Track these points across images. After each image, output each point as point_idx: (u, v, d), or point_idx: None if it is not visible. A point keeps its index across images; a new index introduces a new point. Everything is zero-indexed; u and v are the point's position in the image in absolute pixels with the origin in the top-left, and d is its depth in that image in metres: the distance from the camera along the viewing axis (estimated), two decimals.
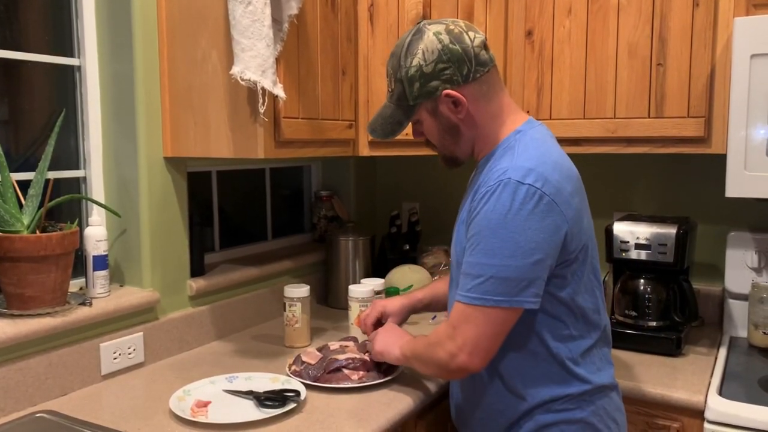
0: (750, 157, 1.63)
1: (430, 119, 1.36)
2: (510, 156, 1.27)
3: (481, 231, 1.22)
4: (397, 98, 1.36)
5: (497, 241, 1.20)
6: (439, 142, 1.39)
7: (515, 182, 1.20)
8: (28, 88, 1.65)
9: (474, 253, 1.22)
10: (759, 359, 1.80)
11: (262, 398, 1.42)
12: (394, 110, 1.37)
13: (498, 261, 1.19)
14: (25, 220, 1.45)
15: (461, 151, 1.39)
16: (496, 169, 1.25)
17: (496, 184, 1.21)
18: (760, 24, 1.59)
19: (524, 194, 1.19)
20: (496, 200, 1.20)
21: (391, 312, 1.64)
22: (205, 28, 1.61)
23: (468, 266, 1.24)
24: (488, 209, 1.21)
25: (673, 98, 1.79)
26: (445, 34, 1.29)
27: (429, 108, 1.34)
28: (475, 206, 1.24)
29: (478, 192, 1.25)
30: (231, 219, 2.22)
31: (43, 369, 1.45)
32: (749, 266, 1.94)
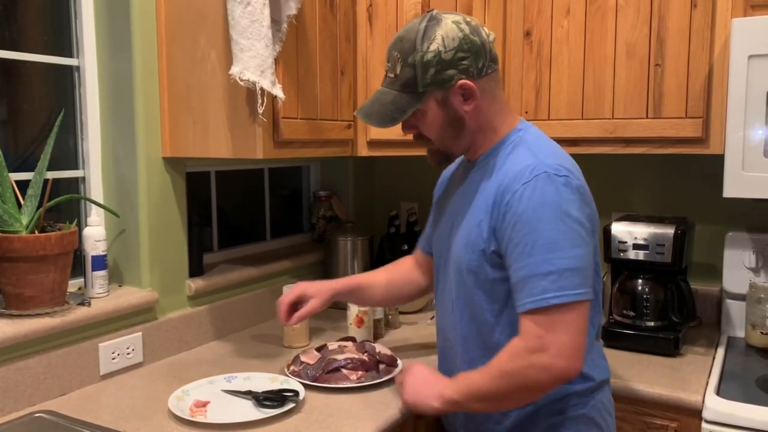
0: (747, 158, 1.64)
1: (437, 110, 1.29)
2: (526, 152, 1.25)
3: (533, 227, 1.16)
4: (402, 84, 1.28)
5: (557, 233, 1.16)
6: (438, 136, 1.33)
7: (553, 175, 1.18)
8: (27, 88, 1.65)
9: (532, 252, 1.16)
10: (756, 359, 1.80)
11: (261, 398, 1.42)
12: (398, 96, 1.29)
13: (566, 253, 1.15)
14: (24, 220, 1.45)
15: (458, 146, 1.35)
16: (521, 165, 1.22)
17: (531, 179, 1.18)
18: (758, 25, 1.60)
19: (566, 185, 1.18)
20: (541, 193, 1.17)
21: (312, 294, 1.58)
22: (204, 28, 1.61)
23: (530, 268, 1.16)
24: (534, 204, 1.17)
25: (671, 99, 1.79)
26: (464, 24, 1.26)
27: (438, 98, 1.28)
28: (509, 204, 1.20)
29: (507, 190, 1.20)
30: (230, 219, 2.22)
31: (42, 369, 1.45)
32: (747, 266, 1.94)
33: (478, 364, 1.27)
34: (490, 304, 1.28)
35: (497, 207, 1.23)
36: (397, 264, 1.70)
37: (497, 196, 1.23)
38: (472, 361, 1.31)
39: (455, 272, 1.33)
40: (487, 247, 1.25)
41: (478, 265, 1.27)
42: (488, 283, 1.27)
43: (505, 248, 1.21)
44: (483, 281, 1.27)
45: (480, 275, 1.27)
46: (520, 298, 1.18)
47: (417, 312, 2.20)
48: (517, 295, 1.19)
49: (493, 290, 1.27)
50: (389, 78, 1.31)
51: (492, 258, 1.25)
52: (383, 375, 1.57)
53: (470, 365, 1.31)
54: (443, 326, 1.43)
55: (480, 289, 1.28)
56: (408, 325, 2.06)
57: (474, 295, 1.30)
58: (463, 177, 1.40)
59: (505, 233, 1.21)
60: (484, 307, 1.29)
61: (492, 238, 1.24)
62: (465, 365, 1.33)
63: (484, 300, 1.28)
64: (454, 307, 1.36)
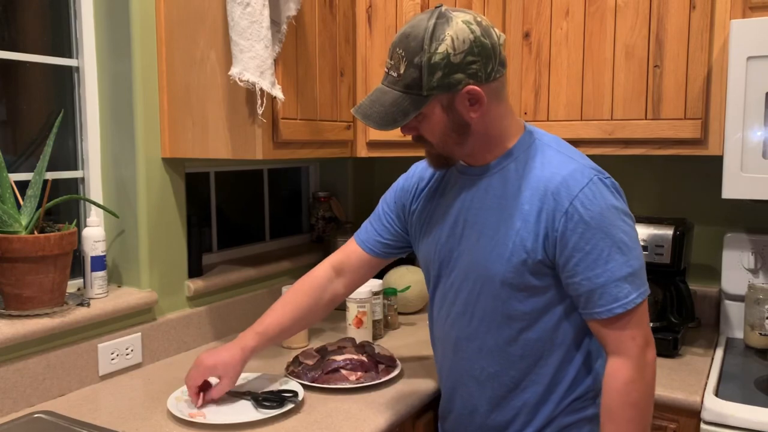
0: (746, 159, 1.64)
1: (441, 114, 1.22)
2: (559, 156, 1.23)
3: (606, 232, 1.16)
4: (406, 85, 1.19)
5: (625, 234, 1.17)
6: (440, 141, 1.25)
7: (603, 178, 1.20)
8: (27, 89, 1.65)
9: (610, 257, 1.15)
10: (755, 360, 1.80)
11: (260, 399, 1.42)
12: (399, 98, 1.20)
13: (635, 252, 1.18)
14: (23, 220, 1.45)
15: (462, 151, 1.27)
16: (566, 170, 1.20)
17: (587, 183, 1.17)
18: (757, 26, 1.60)
19: (614, 186, 1.21)
20: (602, 197, 1.17)
21: (220, 373, 1.40)
22: (203, 29, 1.61)
23: (610, 273, 1.16)
24: (599, 208, 1.16)
25: (670, 100, 1.79)
26: (475, 25, 1.17)
27: (444, 102, 1.20)
28: (569, 212, 1.16)
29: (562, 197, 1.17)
30: (229, 220, 2.22)
31: (41, 369, 1.45)
32: (745, 267, 1.95)
33: (510, 371, 1.28)
34: (528, 313, 1.25)
35: (550, 215, 1.18)
36: (300, 291, 1.51)
37: (546, 203, 1.19)
38: (500, 372, 1.29)
39: (483, 284, 1.26)
40: (529, 257, 1.20)
41: (515, 276, 1.22)
42: (527, 291, 1.23)
43: (568, 257, 1.18)
44: (521, 291, 1.23)
45: (518, 286, 1.23)
46: (602, 304, 1.17)
47: (416, 313, 2.20)
48: (598, 301, 1.17)
49: (532, 298, 1.24)
50: (391, 77, 1.21)
51: (536, 267, 1.21)
52: (382, 376, 1.58)
53: (495, 377, 1.30)
54: (448, 336, 1.36)
55: (516, 299, 1.24)
56: (407, 326, 2.07)
57: (509, 305, 1.25)
58: (467, 183, 1.32)
59: (569, 241, 1.17)
60: (522, 317, 1.25)
61: (541, 247, 1.20)
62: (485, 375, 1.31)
63: (522, 309, 1.25)
64: (473, 317, 1.30)
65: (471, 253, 1.28)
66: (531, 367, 1.28)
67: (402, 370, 1.65)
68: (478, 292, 1.28)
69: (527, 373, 1.28)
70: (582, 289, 1.19)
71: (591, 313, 1.20)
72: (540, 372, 1.28)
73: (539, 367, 1.27)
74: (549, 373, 1.27)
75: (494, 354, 1.29)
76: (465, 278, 1.29)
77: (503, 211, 1.24)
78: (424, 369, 1.68)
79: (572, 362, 1.28)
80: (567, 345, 1.27)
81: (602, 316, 1.18)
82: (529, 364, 1.27)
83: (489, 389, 1.32)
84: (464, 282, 1.30)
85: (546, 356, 1.27)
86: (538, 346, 1.26)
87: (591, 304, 1.19)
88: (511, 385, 1.30)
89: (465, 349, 1.33)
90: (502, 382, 1.30)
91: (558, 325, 1.26)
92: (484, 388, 1.32)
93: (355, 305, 1.84)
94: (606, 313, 1.18)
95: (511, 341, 1.27)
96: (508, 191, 1.25)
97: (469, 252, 1.28)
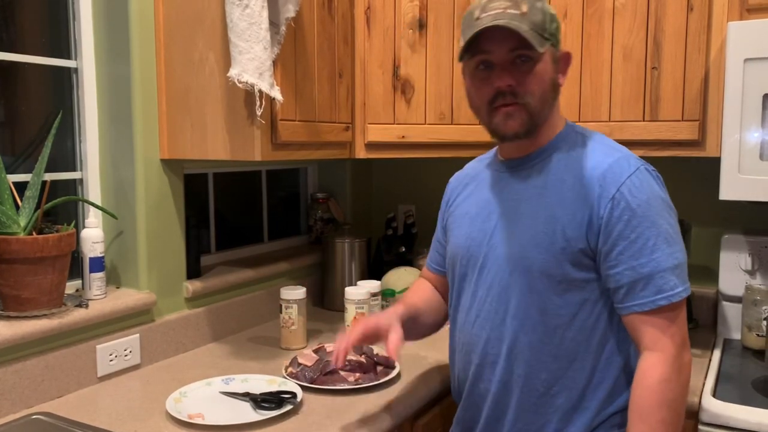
0: (744, 161, 1.64)
1: (549, 64, 1.19)
2: (603, 146, 1.22)
3: (652, 221, 1.13)
4: (532, 22, 1.14)
5: (670, 226, 1.15)
6: (541, 94, 1.19)
7: (648, 169, 1.18)
8: (25, 90, 1.65)
9: (656, 247, 1.12)
10: (752, 361, 1.81)
11: (259, 400, 1.42)
12: (529, 30, 1.14)
13: (680, 245, 1.15)
14: (22, 221, 1.45)
15: (544, 116, 1.22)
16: (612, 158, 1.18)
17: (634, 171, 1.15)
18: (754, 28, 1.60)
19: (659, 179, 1.19)
20: (649, 186, 1.15)
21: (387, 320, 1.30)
22: (202, 31, 1.61)
23: (656, 263, 1.12)
24: (646, 197, 1.14)
25: (668, 101, 1.80)
26: None
27: (553, 54, 1.20)
28: (616, 199, 1.14)
29: (608, 184, 1.15)
30: (227, 221, 2.22)
31: (40, 371, 1.45)
32: (743, 269, 1.95)
33: (540, 373, 1.21)
34: (565, 307, 1.19)
35: (595, 201, 1.15)
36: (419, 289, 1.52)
37: (591, 190, 1.16)
38: (530, 374, 1.22)
39: (519, 276, 1.21)
40: (569, 246, 1.17)
41: (554, 266, 1.18)
42: (565, 284, 1.19)
43: (612, 245, 1.14)
44: (559, 283, 1.19)
45: (556, 277, 1.18)
46: (645, 295, 1.13)
47: None
48: (640, 292, 1.13)
49: (569, 291, 1.19)
50: (512, 14, 1.13)
51: (576, 257, 1.17)
52: (381, 377, 1.58)
53: (525, 379, 1.22)
54: (477, 338, 1.28)
55: (553, 292, 1.19)
56: None
57: (546, 299, 1.20)
58: (503, 178, 1.30)
59: (614, 229, 1.14)
60: (558, 311, 1.20)
61: (583, 235, 1.16)
62: (513, 378, 1.24)
63: (559, 303, 1.19)
64: (507, 314, 1.23)
65: (507, 244, 1.23)
66: (564, 370, 1.21)
67: (400, 372, 1.65)
68: (513, 286, 1.23)
69: (559, 377, 1.21)
70: (624, 279, 1.14)
71: (630, 306, 1.15)
72: (573, 376, 1.21)
73: (572, 371, 1.21)
74: (583, 377, 1.20)
75: (525, 354, 1.22)
76: (499, 272, 1.24)
77: (542, 199, 1.21)
78: (422, 370, 1.68)
79: (609, 368, 1.21)
80: (604, 347, 1.20)
81: (644, 308, 1.13)
82: (561, 365, 1.21)
83: (517, 393, 1.24)
84: (498, 276, 1.25)
85: (581, 358, 1.20)
86: (573, 346, 1.20)
87: (632, 296, 1.14)
88: (542, 390, 1.22)
89: (494, 351, 1.26)
90: (532, 385, 1.23)
91: (595, 325, 1.20)
92: (510, 392, 1.25)
93: (353, 306, 1.84)
94: (649, 305, 1.13)
95: (545, 339, 1.21)
96: (549, 181, 1.22)
97: (504, 244, 1.24)
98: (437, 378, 1.63)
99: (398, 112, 1.94)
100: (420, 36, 1.93)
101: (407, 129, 1.95)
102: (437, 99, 1.96)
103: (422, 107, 1.95)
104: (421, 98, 1.95)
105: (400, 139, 1.95)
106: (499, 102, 1.19)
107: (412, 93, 1.94)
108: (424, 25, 1.93)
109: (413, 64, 1.93)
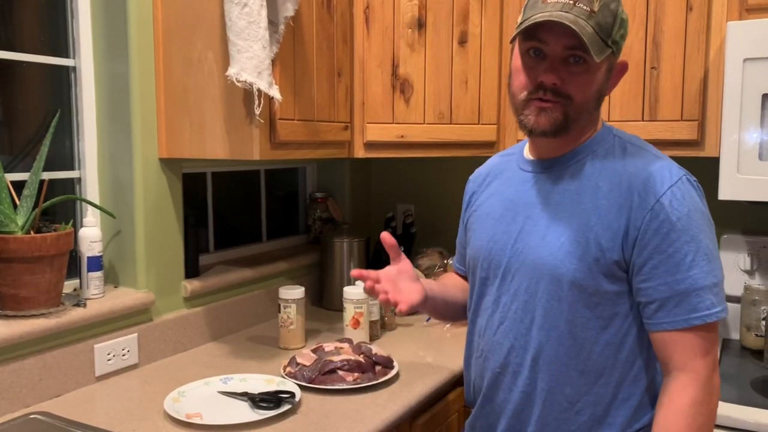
0: (743, 161, 1.64)
1: (603, 74, 1.13)
2: (644, 152, 1.16)
3: (692, 235, 1.07)
4: (598, 23, 1.06)
5: (710, 242, 1.09)
6: (585, 100, 1.13)
7: (690, 180, 1.12)
8: (23, 89, 1.64)
9: (694, 263, 1.07)
10: (751, 361, 1.81)
11: (257, 399, 1.42)
12: (593, 35, 1.06)
13: (719, 263, 1.10)
14: (20, 220, 1.45)
15: (583, 122, 1.16)
16: (653, 167, 1.12)
17: (675, 182, 1.09)
18: (753, 28, 1.60)
19: (701, 191, 1.14)
20: (690, 199, 1.09)
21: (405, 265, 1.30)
22: (200, 30, 1.61)
23: (693, 280, 1.07)
24: (687, 210, 1.08)
25: (667, 101, 1.80)
26: None
27: (610, 62, 1.14)
28: (656, 210, 1.08)
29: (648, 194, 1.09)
30: (226, 220, 2.22)
31: (37, 370, 1.45)
32: (742, 269, 1.95)
33: (565, 387, 1.16)
34: (595, 321, 1.14)
35: (632, 211, 1.09)
36: (451, 276, 1.51)
37: (628, 199, 1.10)
38: (553, 388, 1.17)
39: (548, 285, 1.15)
40: (603, 257, 1.11)
41: (586, 277, 1.12)
42: (597, 296, 1.13)
43: (647, 258, 1.09)
44: (590, 295, 1.13)
45: (587, 289, 1.12)
46: (678, 312, 1.08)
47: (412, 314, 2.20)
48: (673, 309, 1.08)
49: (600, 305, 1.13)
50: (581, 9, 1.06)
51: (610, 269, 1.11)
52: (379, 377, 1.58)
53: (548, 393, 1.17)
54: (500, 346, 1.22)
55: (584, 303, 1.13)
56: (404, 327, 2.07)
57: (576, 311, 1.14)
58: (530, 179, 1.23)
59: (650, 242, 1.09)
60: (587, 324, 1.14)
61: (618, 246, 1.10)
62: (537, 391, 1.18)
63: (588, 316, 1.14)
64: (533, 324, 1.18)
65: (535, 251, 1.17)
66: (589, 386, 1.15)
67: (399, 372, 1.65)
68: (540, 295, 1.16)
69: (583, 393, 1.15)
70: (657, 294, 1.09)
71: (661, 323, 1.09)
72: (598, 392, 1.15)
73: (598, 387, 1.15)
74: (608, 393, 1.15)
75: (551, 367, 1.16)
76: (526, 279, 1.18)
77: (576, 205, 1.14)
78: (420, 370, 1.68)
79: (636, 384, 1.16)
80: (631, 364, 1.15)
81: (676, 327, 1.08)
82: (587, 381, 1.15)
83: (539, 406, 1.18)
84: (525, 284, 1.18)
85: (607, 374, 1.15)
86: (600, 361, 1.14)
87: (664, 312, 1.09)
88: (565, 404, 1.16)
89: (517, 360, 1.20)
90: (555, 399, 1.17)
91: (624, 340, 1.14)
92: (533, 405, 1.19)
93: (352, 306, 1.84)
94: (682, 323, 1.07)
95: (572, 353, 1.15)
96: (582, 186, 1.15)
97: (532, 250, 1.17)
98: (436, 378, 1.63)
99: (397, 111, 1.94)
100: (419, 35, 1.93)
101: (406, 128, 1.95)
102: (436, 98, 1.96)
103: (421, 107, 1.95)
104: (420, 98, 1.95)
105: (399, 138, 1.95)
106: (537, 95, 1.12)
107: (411, 92, 1.94)
108: (423, 24, 1.93)
109: (412, 64, 1.93)
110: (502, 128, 2.06)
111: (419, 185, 2.62)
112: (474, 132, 2.02)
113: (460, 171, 2.53)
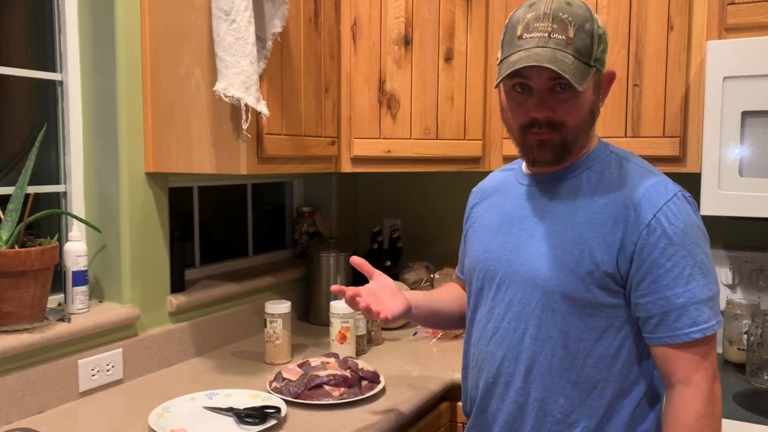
0: (723, 176, 1.67)
1: (591, 92, 1.15)
2: (640, 169, 1.18)
3: (689, 249, 1.09)
4: (577, 49, 1.09)
5: (706, 256, 1.11)
6: (578, 123, 1.15)
7: (686, 196, 1.14)
8: (9, 103, 1.64)
9: (692, 277, 1.09)
10: (734, 375, 1.82)
11: (243, 415, 1.41)
12: (573, 61, 1.09)
13: (714, 276, 1.12)
14: (4, 235, 1.44)
15: (579, 143, 1.19)
16: (649, 182, 1.14)
17: (671, 197, 1.11)
18: (732, 47, 1.64)
19: (694, 205, 1.15)
20: (687, 214, 1.11)
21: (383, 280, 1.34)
22: (188, 45, 1.61)
23: (691, 294, 1.09)
24: (684, 225, 1.10)
25: (649, 118, 1.83)
26: None
27: (596, 78, 1.15)
28: (652, 225, 1.10)
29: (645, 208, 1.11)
30: (212, 235, 2.21)
31: (20, 386, 1.43)
32: (724, 283, 1.98)
33: (558, 398, 1.16)
34: (588, 332, 1.15)
35: (628, 226, 1.11)
36: (448, 286, 1.54)
37: (624, 214, 1.12)
38: (547, 399, 1.17)
39: (541, 297, 1.17)
40: (597, 269, 1.12)
41: (579, 289, 1.14)
42: (591, 308, 1.14)
43: (645, 273, 1.11)
44: (584, 307, 1.14)
45: (581, 301, 1.14)
46: (678, 327, 1.09)
47: (399, 328, 2.20)
48: (673, 324, 1.10)
49: (593, 317, 1.15)
50: (557, 39, 1.09)
51: (604, 281, 1.13)
52: (366, 391, 1.57)
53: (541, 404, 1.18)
54: (493, 356, 1.24)
55: (577, 315, 1.15)
56: (390, 341, 2.07)
57: (569, 322, 1.15)
58: (527, 192, 1.26)
59: (648, 257, 1.10)
60: (581, 336, 1.15)
61: (613, 259, 1.12)
62: (529, 402, 1.19)
63: (582, 328, 1.15)
64: (525, 334, 1.19)
65: (529, 262, 1.19)
66: (583, 398, 1.16)
67: (385, 386, 1.65)
68: (533, 306, 1.18)
69: (577, 405, 1.16)
70: (656, 309, 1.11)
71: (662, 337, 1.11)
72: (592, 405, 1.16)
73: (592, 399, 1.16)
74: (602, 406, 1.16)
75: (544, 377, 1.18)
76: (519, 290, 1.20)
77: (571, 219, 1.17)
78: (407, 385, 1.68)
79: (630, 395, 1.17)
80: (626, 376, 1.16)
81: (676, 341, 1.10)
82: (581, 393, 1.16)
83: (532, 418, 1.19)
84: (519, 294, 1.20)
85: (601, 386, 1.16)
86: (594, 373, 1.15)
87: (664, 327, 1.11)
88: (559, 416, 1.17)
89: (509, 370, 1.21)
90: (548, 410, 1.18)
91: (618, 353, 1.15)
92: (525, 415, 1.20)
93: (338, 320, 1.84)
94: (682, 337, 1.09)
95: (565, 364, 1.16)
96: (578, 200, 1.18)
97: (527, 262, 1.19)
98: (422, 392, 1.63)
99: (384, 126, 1.96)
100: (405, 52, 1.95)
101: (393, 144, 1.96)
102: (422, 114, 1.98)
103: (408, 122, 1.97)
104: (407, 113, 1.97)
105: (386, 153, 1.96)
106: (534, 129, 1.16)
107: (397, 108, 1.96)
108: (410, 41, 1.95)
109: (399, 80, 1.95)
110: (487, 143, 2.08)
111: (406, 200, 2.63)
112: (460, 147, 2.03)
113: (447, 186, 2.55)
